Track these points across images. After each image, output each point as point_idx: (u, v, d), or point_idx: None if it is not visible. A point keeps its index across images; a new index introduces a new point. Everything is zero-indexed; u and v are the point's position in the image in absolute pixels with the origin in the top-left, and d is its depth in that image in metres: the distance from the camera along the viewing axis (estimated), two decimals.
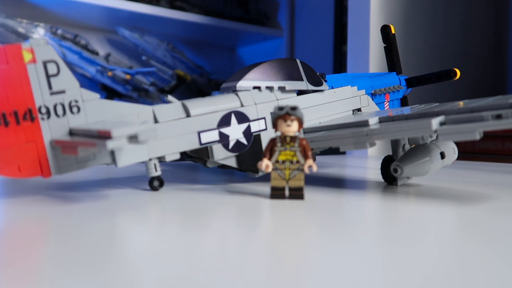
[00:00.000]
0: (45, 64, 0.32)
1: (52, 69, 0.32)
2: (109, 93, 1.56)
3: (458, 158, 0.43)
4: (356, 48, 0.93)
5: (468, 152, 1.03)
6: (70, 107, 0.33)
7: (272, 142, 0.33)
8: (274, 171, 0.33)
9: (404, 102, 0.56)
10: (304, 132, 0.41)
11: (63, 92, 0.32)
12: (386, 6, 0.93)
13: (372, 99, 0.50)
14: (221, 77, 1.52)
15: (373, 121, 0.37)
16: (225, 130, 0.39)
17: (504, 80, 1.18)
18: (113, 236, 0.24)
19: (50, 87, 0.32)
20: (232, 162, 0.40)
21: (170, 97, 0.39)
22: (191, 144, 0.37)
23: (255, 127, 0.40)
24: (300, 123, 0.33)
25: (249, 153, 0.40)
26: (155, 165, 0.37)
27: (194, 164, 0.62)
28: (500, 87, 1.19)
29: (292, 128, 0.33)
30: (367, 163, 0.71)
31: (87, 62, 1.33)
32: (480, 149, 1.02)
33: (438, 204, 0.33)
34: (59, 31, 1.30)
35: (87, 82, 1.58)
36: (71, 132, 0.33)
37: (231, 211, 0.32)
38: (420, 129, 0.33)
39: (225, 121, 0.39)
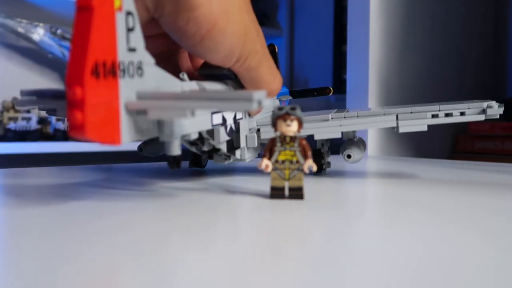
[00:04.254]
0: (127, 14, 0.28)
1: (130, 22, 0.28)
2: None
3: (458, 158, 0.44)
4: (356, 48, 0.93)
5: (468, 152, 1.03)
6: (137, 69, 0.29)
7: (272, 142, 0.33)
8: (273, 171, 0.33)
9: None
10: (260, 125, 0.45)
11: (134, 50, 0.29)
12: (386, 6, 0.93)
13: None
14: None
15: (330, 116, 0.45)
16: (225, 114, 0.39)
17: (504, 80, 1.18)
18: (110, 239, 0.24)
19: (128, 41, 0.28)
20: (224, 146, 0.42)
21: (185, 75, 0.37)
22: (207, 125, 0.36)
23: (238, 115, 0.42)
24: (300, 123, 0.33)
25: (230, 140, 0.43)
26: (177, 145, 0.34)
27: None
28: (500, 86, 1.19)
29: (292, 128, 0.32)
30: (367, 163, 0.71)
31: None
32: (480, 149, 1.02)
33: (438, 204, 0.33)
34: (59, 31, 1.30)
35: None
36: (140, 97, 0.29)
37: (231, 210, 0.32)
38: (386, 122, 0.45)
39: None
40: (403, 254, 0.21)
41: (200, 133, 0.39)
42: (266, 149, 0.33)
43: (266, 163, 0.33)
